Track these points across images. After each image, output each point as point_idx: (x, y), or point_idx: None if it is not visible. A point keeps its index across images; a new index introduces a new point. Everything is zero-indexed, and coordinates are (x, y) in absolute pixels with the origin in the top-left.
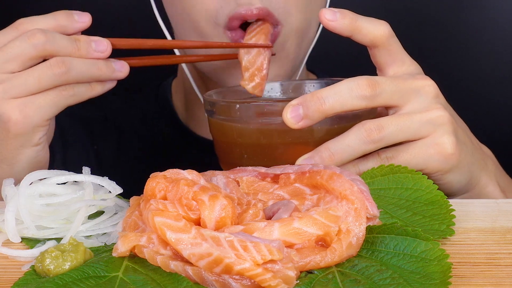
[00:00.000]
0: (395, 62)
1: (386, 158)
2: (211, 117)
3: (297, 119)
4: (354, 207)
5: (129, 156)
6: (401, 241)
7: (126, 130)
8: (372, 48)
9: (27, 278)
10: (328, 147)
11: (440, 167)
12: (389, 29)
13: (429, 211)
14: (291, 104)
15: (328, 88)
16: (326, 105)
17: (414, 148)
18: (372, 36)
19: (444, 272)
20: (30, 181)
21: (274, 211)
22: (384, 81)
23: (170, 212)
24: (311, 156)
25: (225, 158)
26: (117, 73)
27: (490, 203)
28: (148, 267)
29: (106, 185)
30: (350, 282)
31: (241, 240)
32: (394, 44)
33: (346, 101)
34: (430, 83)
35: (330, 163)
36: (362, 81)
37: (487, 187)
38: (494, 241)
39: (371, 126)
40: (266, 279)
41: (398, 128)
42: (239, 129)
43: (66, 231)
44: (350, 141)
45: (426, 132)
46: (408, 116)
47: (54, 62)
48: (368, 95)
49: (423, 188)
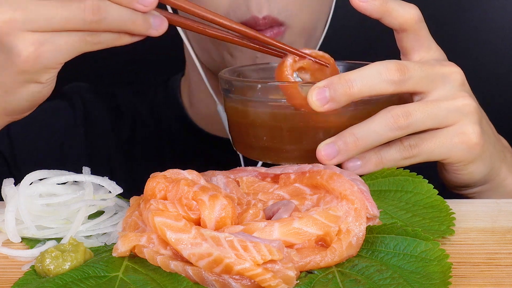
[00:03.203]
0: (422, 48)
1: (409, 146)
2: (227, 97)
3: (323, 102)
4: (354, 207)
5: (137, 149)
6: (401, 241)
7: (137, 122)
8: (400, 32)
9: (27, 278)
10: (353, 132)
11: (463, 157)
12: (419, 13)
13: (429, 214)
14: (318, 86)
15: (356, 71)
16: (354, 88)
17: (439, 137)
18: (402, 19)
19: (444, 272)
20: (30, 181)
21: (274, 211)
22: (412, 66)
23: (170, 212)
24: (334, 141)
25: (241, 140)
26: (152, 31)
27: (490, 203)
28: (148, 267)
29: (106, 185)
30: (350, 282)
31: (241, 240)
32: (422, 29)
33: (374, 85)
34: (457, 70)
35: (354, 148)
36: (391, 65)
37: (506, 179)
38: (494, 241)
39: (398, 112)
40: (266, 279)
41: (426, 115)
42: (260, 110)
43: (66, 231)
44: (376, 126)
45: (452, 121)
46: (436, 103)
47: (90, 7)
48: (397, 80)
49: (423, 192)
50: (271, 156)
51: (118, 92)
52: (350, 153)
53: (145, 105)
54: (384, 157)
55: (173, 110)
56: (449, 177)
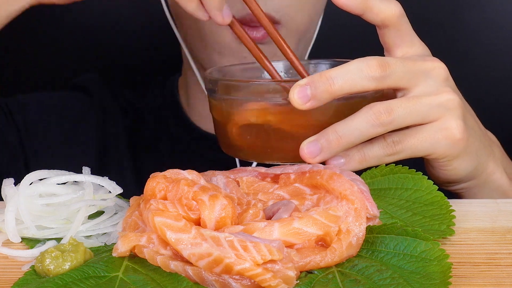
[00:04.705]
0: (404, 43)
1: (392, 142)
2: (211, 97)
3: (304, 100)
4: (354, 207)
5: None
6: (401, 241)
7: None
8: (382, 28)
9: (27, 278)
10: (336, 130)
11: (448, 152)
12: (400, 9)
13: (429, 212)
14: (299, 84)
15: (337, 68)
16: (335, 85)
17: (422, 133)
18: (383, 15)
19: (444, 272)
20: (30, 181)
21: (274, 211)
22: (394, 62)
23: (170, 212)
24: (317, 139)
25: (225, 140)
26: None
27: (490, 203)
28: (148, 267)
29: (106, 185)
30: (350, 282)
31: (241, 240)
32: (404, 24)
33: (355, 81)
34: (440, 65)
35: (336, 146)
36: (372, 62)
37: (494, 174)
38: (494, 241)
39: (380, 109)
40: (266, 279)
41: (408, 111)
42: (241, 109)
43: (66, 231)
44: (358, 124)
45: (435, 116)
46: (418, 99)
47: None
48: (378, 76)
49: (423, 188)
50: (256, 156)
51: (124, 91)
52: (333, 151)
53: (144, 105)
54: (367, 154)
55: (171, 110)
56: (436, 173)
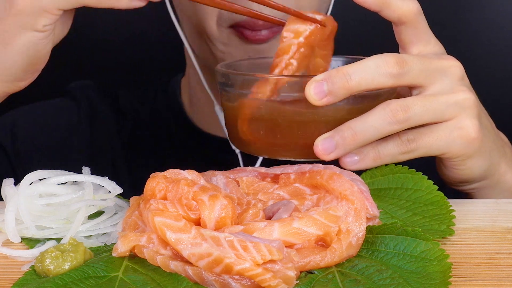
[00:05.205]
0: (420, 41)
1: (407, 140)
2: (224, 90)
3: (320, 96)
4: (354, 207)
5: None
6: (401, 241)
7: (137, 124)
8: (398, 25)
9: (27, 278)
10: (351, 127)
11: (462, 152)
12: (418, 6)
13: (429, 212)
14: (315, 79)
15: (355, 64)
16: (353, 81)
17: (437, 131)
18: (400, 12)
19: (444, 272)
20: (30, 181)
21: (274, 211)
22: (411, 59)
23: (170, 212)
24: (332, 136)
25: (236, 134)
26: None
27: (490, 203)
28: (148, 267)
29: (106, 185)
30: (350, 282)
31: (241, 240)
32: (421, 22)
33: (373, 78)
34: (456, 64)
35: (352, 143)
36: (390, 58)
37: (506, 175)
38: (494, 241)
39: (396, 106)
40: (266, 279)
41: (424, 109)
42: (256, 103)
43: (66, 231)
44: (374, 121)
45: (451, 115)
46: (434, 97)
47: None
48: (395, 73)
49: (423, 188)
50: (268, 151)
51: (120, 93)
52: (348, 148)
53: (146, 105)
54: (381, 151)
55: (173, 110)
56: (448, 173)
